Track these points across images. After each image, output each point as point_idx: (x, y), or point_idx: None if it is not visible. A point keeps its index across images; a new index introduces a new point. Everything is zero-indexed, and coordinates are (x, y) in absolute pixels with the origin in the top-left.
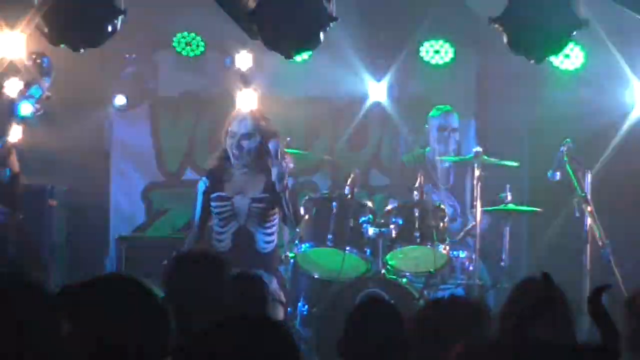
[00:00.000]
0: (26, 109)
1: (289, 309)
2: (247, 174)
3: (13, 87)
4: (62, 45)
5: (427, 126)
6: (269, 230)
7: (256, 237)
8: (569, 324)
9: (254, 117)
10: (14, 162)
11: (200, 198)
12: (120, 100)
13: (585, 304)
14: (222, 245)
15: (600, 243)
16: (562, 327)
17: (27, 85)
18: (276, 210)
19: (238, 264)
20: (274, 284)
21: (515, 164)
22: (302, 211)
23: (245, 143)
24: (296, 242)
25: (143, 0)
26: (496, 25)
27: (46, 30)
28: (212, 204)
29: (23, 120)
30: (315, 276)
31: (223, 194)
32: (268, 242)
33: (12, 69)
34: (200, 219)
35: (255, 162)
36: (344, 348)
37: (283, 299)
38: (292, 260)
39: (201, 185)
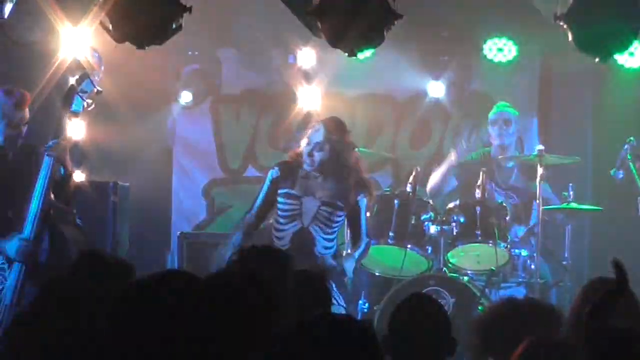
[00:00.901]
0: (77, 103)
1: (344, 306)
2: (318, 178)
3: (69, 82)
4: (126, 42)
5: (488, 126)
6: (330, 236)
7: (317, 240)
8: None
9: (327, 128)
10: (68, 160)
11: (267, 184)
12: (186, 97)
13: None
14: (280, 243)
15: None
16: (634, 316)
17: (80, 80)
18: (341, 217)
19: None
20: (333, 288)
21: (577, 160)
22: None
23: (315, 153)
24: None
25: None
26: (561, 23)
27: (110, 27)
28: (279, 199)
29: (73, 114)
30: (376, 273)
31: (293, 191)
32: (327, 248)
33: (74, 66)
34: (260, 206)
35: (327, 171)
36: (388, 345)
37: (343, 302)
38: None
39: (272, 173)
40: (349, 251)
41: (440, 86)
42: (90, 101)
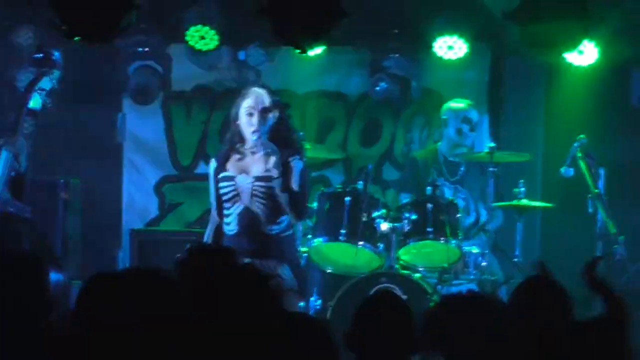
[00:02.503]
0: (35, 101)
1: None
2: (255, 153)
3: (25, 79)
4: (76, 39)
5: (445, 117)
6: (270, 209)
7: (262, 219)
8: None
9: (270, 92)
10: (24, 156)
11: (212, 179)
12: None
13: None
14: (229, 228)
15: (613, 239)
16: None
17: (38, 77)
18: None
19: (248, 249)
20: (286, 272)
21: (527, 157)
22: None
23: (263, 119)
24: (309, 236)
25: None
26: (510, 21)
27: (60, 24)
28: (219, 184)
29: (32, 112)
30: (328, 271)
31: (227, 173)
32: (276, 223)
33: (26, 62)
34: (217, 203)
35: (275, 138)
36: (351, 342)
37: (297, 288)
38: (304, 255)
39: (211, 167)
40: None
41: (392, 83)
42: (48, 99)
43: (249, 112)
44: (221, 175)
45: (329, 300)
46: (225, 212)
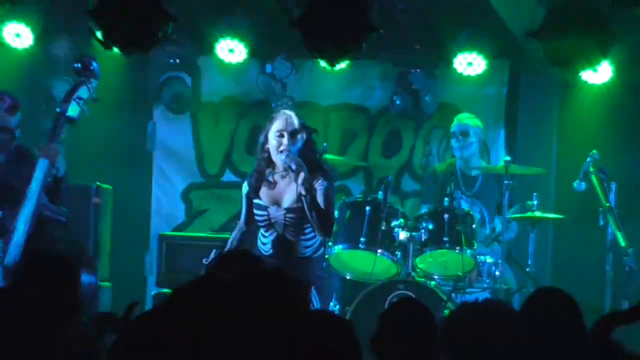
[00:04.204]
0: (73, 110)
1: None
2: (287, 177)
3: (63, 88)
4: (114, 49)
5: (450, 132)
6: (308, 236)
7: (294, 244)
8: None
9: (297, 115)
10: (61, 163)
11: (244, 200)
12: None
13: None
14: (265, 248)
15: (623, 251)
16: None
17: (77, 86)
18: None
19: (281, 269)
20: (312, 292)
21: (541, 171)
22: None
23: (293, 140)
24: (329, 243)
25: (188, 7)
26: (532, 39)
27: (99, 34)
28: (254, 210)
29: (71, 121)
30: (347, 277)
31: (260, 202)
32: (307, 247)
33: (65, 72)
34: (246, 215)
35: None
36: (377, 345)
37: (318, 305)
38: (325, 262)
39: (244, 189)
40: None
41: (413, 98)
42: (86, 108)
43: (279, 134)
44: (255, 202)
45: (347, 305)
46: (263, 233)
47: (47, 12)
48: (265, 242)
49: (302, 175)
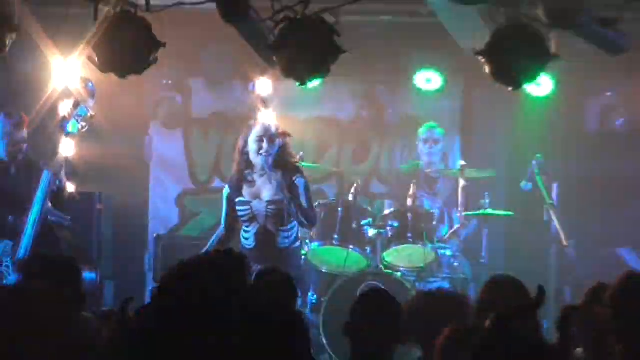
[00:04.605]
0: (73, 126)
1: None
2: (265, 176)
3: (65, 107)
4: (110, 73)
5: (417, 142)
6: (287, 227)
7: (275, 235)
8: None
9: (274, 122)
10: (63, 173)
11: (225, 203)
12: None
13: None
14: (247, 242)
15: (564, 243)
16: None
17: (75, 105)
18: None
19: (262, 261)
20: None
21: (492, 173)
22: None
23: (272, 147)
24: (307, 240)
25: (179, 32)
26: (480, 57)
27: (96, 59)
28: (237, 207)
29: (70, 136)
30: (323, 270)
31: (243, 198)
32: (286, 238)
33: (65, 93)
34: (226, 222)
35: (277, 164)
36: (350, 330)
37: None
38: (303, 257)
39: (225, 192)
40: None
41: (378, 110)
42: (84, 124)
43: (259, 139)
44: (238, 200)
45: (323, 296)
46: (245, 229)
47: (52, 41)
48: (247, 237)
49: (279, 179)
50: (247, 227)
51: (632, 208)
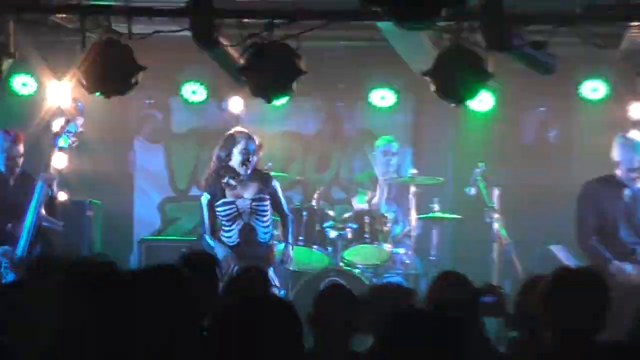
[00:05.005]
0: (64, 141)
1: (278, 286)
2: (243, 182)
3: (57, 125)
4: (97, 94)
5: (374, 153)
6: (266, 224)
7: (257, 230)
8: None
9: (254, 138)
10: (55, 184)
11: (206, 209)
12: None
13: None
14: (230, 240)
15: (504, 242)
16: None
17: (66, 123)
18: (268, 205)
19: (247, 255)
20: (270, 272)
21: (440, 181)
22: None
23: (253, 158)
24: (276, 242)
25: (158, 57)
26: (428, 77)
27: (84, 82)
28: (219, 209)
29: (62, 150)
30: (290, 268)
31: (226, 199)
32: (266, 234)
33: (58, 112)
34: (210, 227)
35: (253, 173)
36: (314, 321)
37: (277, 283)
38: None
39: (204, 200)
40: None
41: (338, 125)
42: (75, 139)
43: (243, 152)
44: (221, 201)
45: (291, 290)
46: (226, 228)
47: (46, 66)
48: (230, 235)
49: (259, 184)
50: (229, 225)
51: (563, 210)
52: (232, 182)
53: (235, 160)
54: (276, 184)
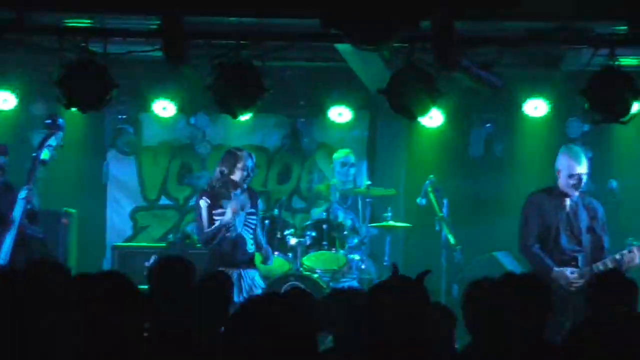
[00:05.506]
0: (45, 154)
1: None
2: (242, 194)
3: (38, 139)
4: (73, 109)
5: (332, 165)
6: (252, 235)
7: (247, 241)
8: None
9: (253, 156)
10: (35, 195)
11: (205, 212)
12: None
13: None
14: (222, 248)
15: (453, 249)
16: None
17: (47, 137)
18: (256, 219)
19: (238, 262)
20: (257, 276)
21: (393, 191)
22: None
23: (251, 174)
24: None
25: (131, 75)
26: (383, 95)
27: (62, 98)
28: (217, 218)
29: (43, 163)
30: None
31: (225, 210)
32: (252, 245)
33: (39, 126)
34: (208, 227)
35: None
36: None
37: (263, 285)
38: None
39: (204, 204)
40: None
41: (299, 139)
42: (55, 153)
43: (245, 169)
44: (219, 211)
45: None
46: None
47: (26, 83)
48: (223, 244)
49: (252, 199)
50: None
51: (508, 219)
52: (232, 194)
53: (237, 176)
54: (260, 202)
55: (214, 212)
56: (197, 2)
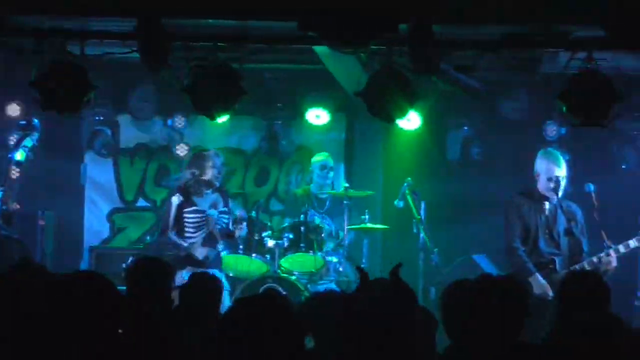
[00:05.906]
0: (21, 155)
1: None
2: (213, 193)
3: (14, 139)
4: (50, 111)
5: (311, 168)
6: (223, 233)
7: (217, 238)
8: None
9: (221, 156)
10: (11, 197)
11: (174, 210)
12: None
13: (417, 293)
14: (193, 247)
15: (430, 251)
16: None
17: (23, 137)
18: (229, 218)
19: (206, 260)
20: (224, 277)
21: (371, 193)
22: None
23: (222, 172)
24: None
25: (109, 77)
26: (360, 97)
27: (40, 99)
28: (189, 215)
29: (19, 164)
30: (230, 274)
31: (198, 207)
32: (220, 243)
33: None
34: (172, 227)
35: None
36: None
37: (229, 287)
38: None
39: (176, 200)
40: None
41: (276, 142)
42: (30, 154)
43: (217, 169)
44: (192, 209)
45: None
46: (189, 235)
47: (1, 84)
48: (194, 242)
49: (222, 198)
50: (193, 232)
51: (484, 222)
52: (204, 193)
53: (209, 175)
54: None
55: (185, 209)
56: (175, 4)
